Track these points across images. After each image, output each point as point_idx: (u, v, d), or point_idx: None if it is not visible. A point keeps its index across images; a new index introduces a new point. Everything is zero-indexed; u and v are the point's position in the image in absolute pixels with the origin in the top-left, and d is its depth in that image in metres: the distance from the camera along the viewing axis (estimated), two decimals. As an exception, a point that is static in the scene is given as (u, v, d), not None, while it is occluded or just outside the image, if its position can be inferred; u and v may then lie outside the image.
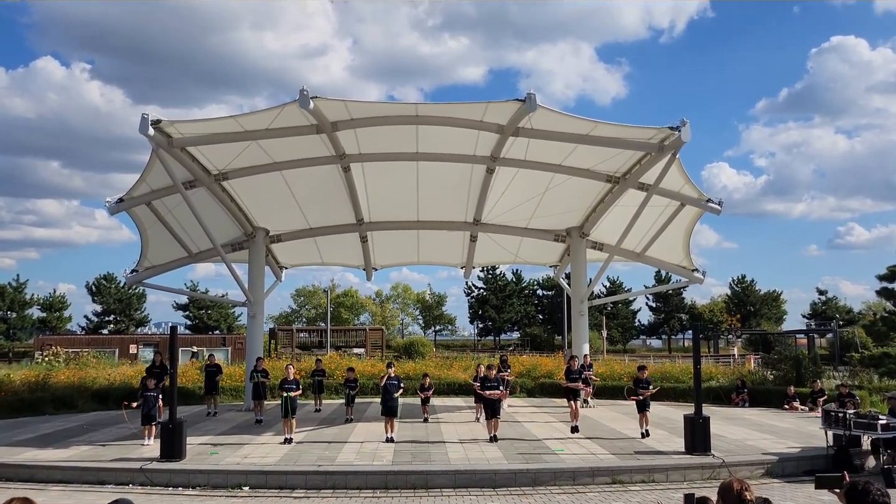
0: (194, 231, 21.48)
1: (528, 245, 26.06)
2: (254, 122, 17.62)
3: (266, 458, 13.62)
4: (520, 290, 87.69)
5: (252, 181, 20.75)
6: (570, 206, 22.68)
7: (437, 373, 27.93)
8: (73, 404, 22.58)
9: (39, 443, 15.55)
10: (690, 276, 23.59)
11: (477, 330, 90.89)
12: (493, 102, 16.92)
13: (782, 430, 17.26)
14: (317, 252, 26.58)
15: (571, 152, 19.42)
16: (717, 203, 19.82)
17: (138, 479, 12.69)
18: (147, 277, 22.84)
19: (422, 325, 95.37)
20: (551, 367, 29.09)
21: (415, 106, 17.88)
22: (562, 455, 13.85)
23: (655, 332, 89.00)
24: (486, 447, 14.77)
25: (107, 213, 20.12)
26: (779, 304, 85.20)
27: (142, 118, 16.55)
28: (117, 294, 78.69)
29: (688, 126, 17.13)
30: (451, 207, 23.36)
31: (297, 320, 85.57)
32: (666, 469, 12.85)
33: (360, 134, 18.80)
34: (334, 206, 22.91)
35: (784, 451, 14.10)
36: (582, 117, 17.60)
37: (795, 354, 26.25)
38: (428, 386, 19.22)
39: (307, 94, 15.87)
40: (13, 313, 75.48)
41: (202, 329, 76.40)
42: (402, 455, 13.92)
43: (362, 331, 62.24)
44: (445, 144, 19.51)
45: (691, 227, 22.21)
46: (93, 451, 14.59)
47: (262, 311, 24.06)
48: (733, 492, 3.86)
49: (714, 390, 23.74)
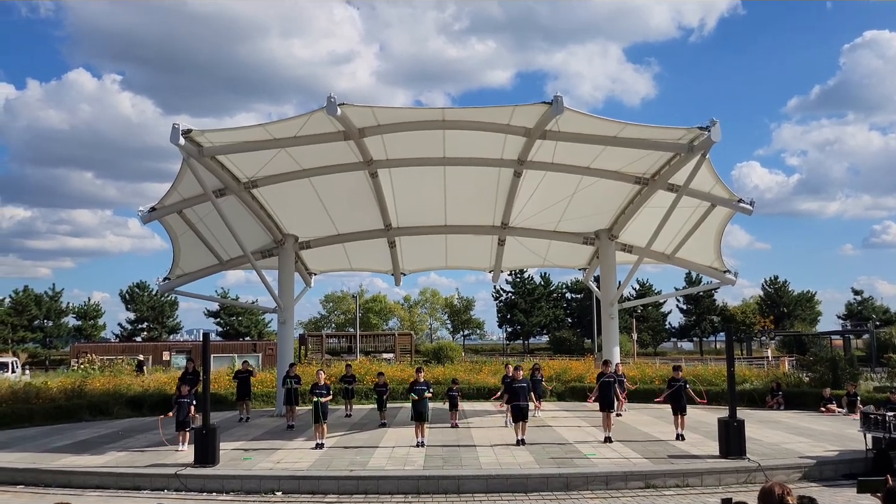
0: (225, 239, 21.71)
1: (556, 248, 25.92)
2: (282, 130, 17.77)
3: (298, 464, 13.69)
4: (548, 293, 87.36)
5: (281, 188, 20.92)
6: (599, 208, 22.53)
7: (466, 377, 27.92)
8: (108, 411, 22.91)
9: (76, 449, 15.79)
10: (722, 277, 23.30)
11: (506, 334, 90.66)
12: (520, 106, 16.88)
13: (819, 433, 16.96)
14: (345, 258, 26.69)
15: (599, 154, 19.30)
16: (748, 203, 19.55)
17: (173, 484, 12.82)
18: (179, 285, 23.12)
19: (450, 330, 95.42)
20: (581, 371, 28.93)
21: (441, 111, 17.91)
22: (594, 459, 13.74)
23: (686, 335, 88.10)
24: (518, 451, 14.70)
25: (139, 222, 20.40)
26: (813, 305, 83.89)
27: (172, 128, 16.77)
28: (150, 302, 79.85)
29: (717, 126, 16.92)
30: (479, 211, 23.33)
31: (326, 326, 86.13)
32: (700, 473, 12.68)
33: (387, 140, 18.86)
34: (362, 212, 23.00)
35: (822, 455, 13.85)
36: (610, 119, 17.49)
37: (831, 356, 25.78)
38: (455, 391, 19.17)
39: (335, 101, 15.97)
40: (49, 322, 76.99)
41: (233, 335, 77.19)
42: (434, 460, 13.91)
43: (391, 336, 62.41)
44: (472, 148, 19.49)
45: (722, 227, 21.95)
46: (128, 456, 14.78)
47: (292, 318, 24.21)
48: (774, 496, 3.76)
49: (748, 393, 23.41)
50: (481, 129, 18.15)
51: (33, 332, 76.24)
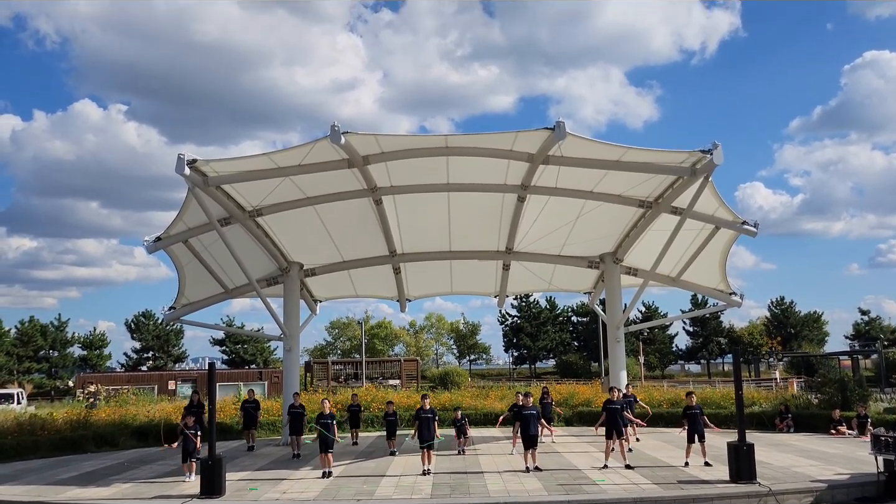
0: (230, 267, 21.76)
1: (561, 272, 25.90)
2: (286, 159, 17.88)
3: (305, 493, 13.59)
4: (554, 317, 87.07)
5: (286, 216, 21.00)
6: (603, 231, 22.55)
7: (472, 403, 27.76)
8: (113, 442, 22.81)
9: (82, 481, 15.71)
10: (728, 299, 23.24)
11: (512, 358, 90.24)
12: (523, 132, 16.97)
13: (830, 455, 16.80)
14: (351, 285, 26.71)
15: (602, 178, 19.36)
16: (752, 225, 19.55)
17: (179, 516, 12.73)
18: (185, 314, 23.13)
19: (456, 355, 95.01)
20: (589, 395, 28.74)
21: (444, 137, 18.00)
22: (604, 486, 13.61)
23: (694, 357, 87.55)
24: (526, 479, 14.58)
25: (145, 251, 20.47)
26: (820, 326, 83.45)
27: (178, 158, 16.88)
28: (156, 331, 79.78)
29: (720, 149, 16.98)
30: (483, 237, 23.37)
31: (332, 353, 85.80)
32: (711, 498, 12.56)
33: (391, 167, 18.96)
34: (367, 239, 23.06)
35: (833, 478, 13.70)
36: (612, 143, 17.57)
37: (840, 377, 25.57)
38: (461, 418, 18.99)
39: (338, 130, 16.07)
40: (55, 352, 76.94)
41: (239, 363, 77.00)
42: (441, 488, 13.80)
43: (397, 362, 62.18)
44: (476, 174, 19.58)
45: (727, 249, 21.93)
46: (134, 488, 14.69)
47: (298, 345, 24.17)
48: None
49: (757, 416, 23.23)
50: (484, 156, 18.24)
51: (38, 363, 76.16)
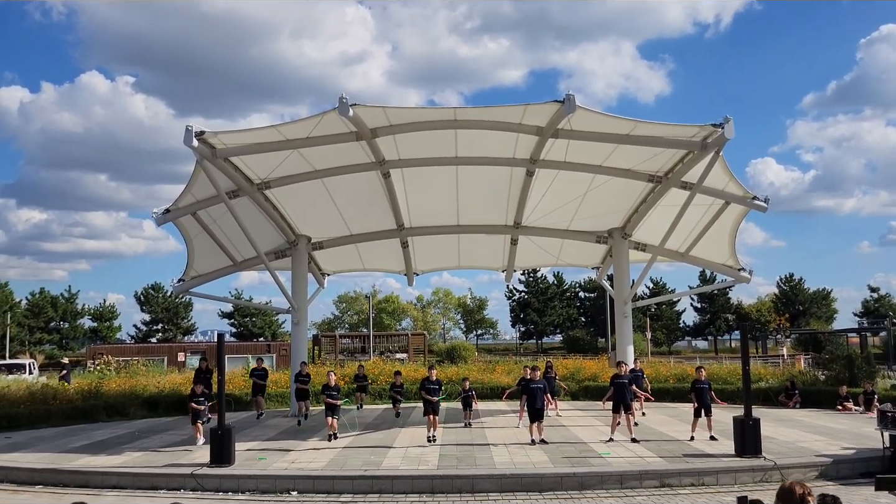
0: (238, 240, 21.82)
1: (569, 247, 25.87)
2: (294, 131, 17.83)
3: (313, 464, 13.74)
4: (561, 292, 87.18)
5: (294, 189, 20.99)
6: (612, 206, 22.46)
7: (479, 377, 27.89)
8: (124, 412, 23.08)
9: (94, 449, 15.92)
10: (737, 275, 23.17)
11: (519, 333, 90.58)
12: (532, 104, 16.86)
13: (835, 431, 16.84)
14: (358, 258, 26.76)
15: (612, 152, 19.25)
16: (762, 200, 19.43)
17: (189, 484, 12.89)
18: (193, 286, 23.25)
19: (463, 330, 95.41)
20: (595, 370, 28.84)
21: (453, 110, 17.91)
22: (609, 459, 13.71)
23: (701, 333, 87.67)
24: (532, 451, 14.69)
25: (154, 224, 20.55)
26: (829, 303, 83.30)
27: (186, 130, 16.87)
28: (165, 303, 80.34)
29: (731, 122, 16.83)
30: (491, 211, 23.32)
31: (339, 326, 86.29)
32: (716, 472, 12.63)
33: (399, 140, 18.89)
34: (375, 213, 23.05)
35: (838, 453, 13.75)
36: (622, 117, 17.42)
37: (848, 354, 25.59)
38: (468, 389, 19.15)
39: (346, 102, 16.00)
40: (65, 324, 77.66)
41: (247, 336, 77.54)
42: (448, 459, 13.92)
43: (404, 336, 62.46)
44: (484, 148, 19.49)
45: (737, 225, 21.83)
46: (145, 457, 14.88)
47: (306, 318, 24.30)
48: (795, 496, 3.69)
49: (763, 391, 23.26)
50: (493, 129, 18.14)
51: (50, 334, 76.94)
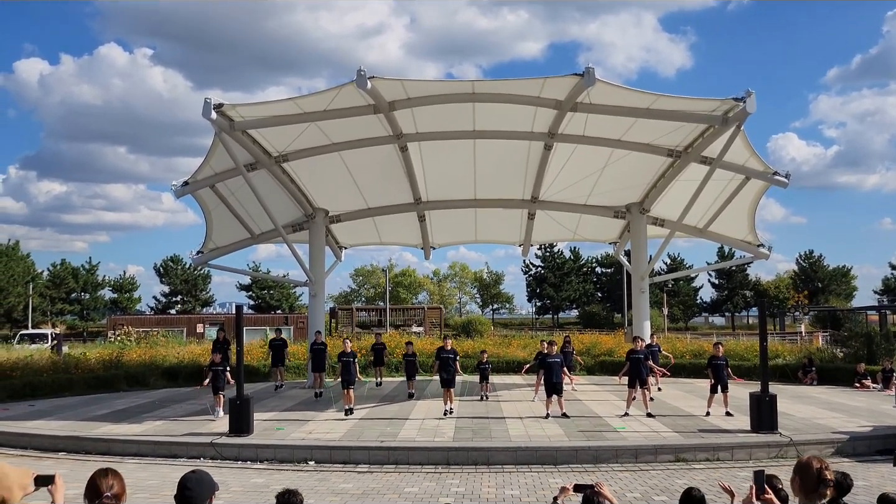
0: (256, 212, 21.91)
1: (586, 222, 25.76)
2: (312, 104, 17.79)
3: (330, 434, 13.89)
4: (578, 267, 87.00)
5: (311, 162, 21.01)
6: (630, 181, 22.30)
7: (495, 351, 28.01)
8: (144, 382, 23.44)
9: (115, 418, 16.19)
10: (755, 251, 22.99)
11: (535, 308, 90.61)
12: (551, 77, 16.69)
13: (853, 408, 16.78)
14: (375, 232, 26.82)
15: (631, 126, 19.06)
16: (783, 176, 19.21)
17: (209, 452, 13.10)
18: (212, 258, 23.43)
19: (479, 304, 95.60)
20: (611, 345, 28.86)
21: (471, 83, 17.77)
22: (624, 433, 13.76)
23: (718, 310, 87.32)
24: (547, 424, 14.77)
25: (173, 196, 20.63)
26: (849, 280, 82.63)
27: (204, 102, 16.88)
28: (184, 275, 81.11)
29: (753, 97, 16.58)
30: (509, 185, 23.23)
31: (356, 300, 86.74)
32: (731, 447, 12.64)
33: (416, 113, 18.81)
34: (392, 186, 23.04)
35: (855, 430, 13.70)
36: (642, 90, 17.22)
37: (867, 331, 25.39)
38: (485, 361, 19.26)
39: (364, 75, 15.93)
40: (86, 294, 78.66)
41: (265, 309, 78.20)
42: (463, 432, 14.03)
43: (421, 310, 62.72)
44: (503, 121, 19.37)
45: (757, 201, 21.61)
46: (165, 426, 15.12)
47: (323, 291, 24.44)
48: (812, 470, 3.69)
49: (780, 368, 23.19)
50: (511, 102, 18.01)
51: (71, 305, 78.02)
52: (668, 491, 10.23)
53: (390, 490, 10.59)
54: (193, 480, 3.64)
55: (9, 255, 63.63)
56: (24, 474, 3.36)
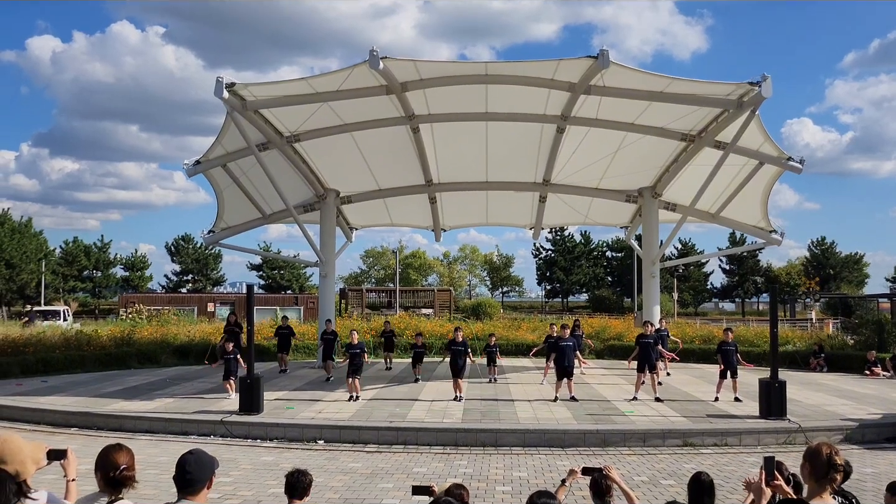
0: (268, 192, 21.93)
1: (598, 206, 25.64)
2: (324, 84, 17.74)
3: (339, 414, 13.98)
4: (589, 251, 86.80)
5: (323, 143, 20.98)
6: (643, 165, 22.17)
7: (504, 334, 28.07)
8: (155, 359, 23.64)
9: (126, 395, 16.34)
10: (768, 237, 22.84)
11: (545, 292, 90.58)
12: (565, 60, 16.57)
13: (862, 395, 16.73)
14: (386, 213, 26.81)
15: (645, 110, 18.92)
16: (798, 161, 19.04)
17: (219, 430, 13.22)
18: (223, 238, 23.50)
19: (489, 287, 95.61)
20: (621, 329, 28.86)
21: (484, 65, 17.67)
22: (632, 417, 13.78)
23: (728, 295, 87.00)
24: (555, 407, 14.80)
25: (185, 175, 20.67)
26: (861, 268, 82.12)
27: (217, 81, 16.87)
28: (195, 254, 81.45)
29: (769, 81, 16.42)
30: (521, 168, 23.14)
31: (366, 281, 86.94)
32: (739, 433, 12.64)
33: (429, 94, 18.72)
34: (403, 167, 23.00)
35: (864, 417, 13.67)
36: (656, 73, 17.08)
37: (878, 319, 25.27)
38: (493, 344, 19.28)
39: (377, 55, 15.86)
40: (98, 272, 79.14)
41: (275, 289, 78.48)
42: (472, 413, 14.09)
43: (430, 291, 62.83)
44: (515, 104, 19.25)
45: (770, 186, 21.45)
46: (176, 403, 15.25)
47: (333, 272, 24.49)
48: (822, 456, 3.70)
49: (790, 355, 23.14)
50: (525, 84, 17.88)
51: (83, 283, 78.54)
52: (676, 475, 10.25)
53: (399, 470, 10.66)
54: (192, 462, 3.54)
55: (21, 233, 64.00)
56: (37, 448, 3.41)
